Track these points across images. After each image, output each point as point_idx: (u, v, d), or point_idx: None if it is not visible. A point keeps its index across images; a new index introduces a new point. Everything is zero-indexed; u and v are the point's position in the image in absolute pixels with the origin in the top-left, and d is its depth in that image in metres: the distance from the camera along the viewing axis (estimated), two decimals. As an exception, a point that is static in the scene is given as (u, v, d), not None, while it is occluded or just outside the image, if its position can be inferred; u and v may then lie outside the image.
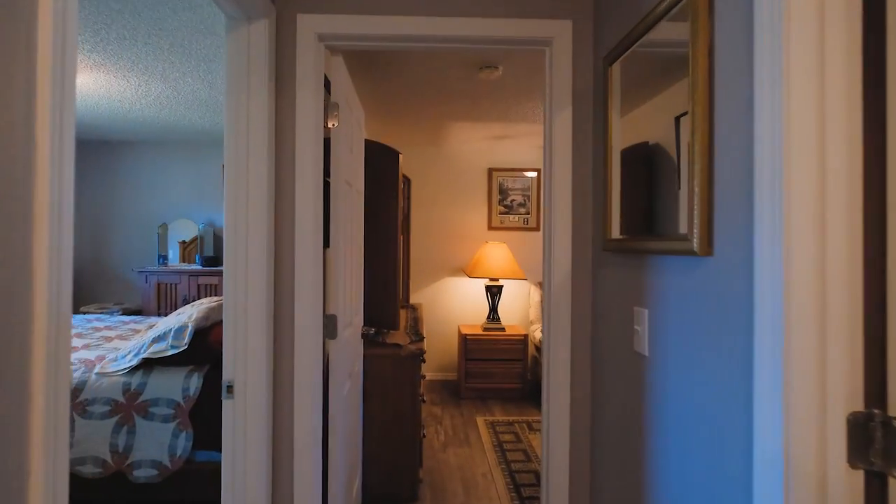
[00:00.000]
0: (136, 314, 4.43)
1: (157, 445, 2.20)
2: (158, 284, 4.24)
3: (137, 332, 3.13)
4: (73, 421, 2.23)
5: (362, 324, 2.52)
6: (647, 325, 1.18)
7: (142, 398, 2.24)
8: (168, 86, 3.09)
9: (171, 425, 2.22)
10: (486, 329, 4.06)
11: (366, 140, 2.76)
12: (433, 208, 4.51)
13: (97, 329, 3.16)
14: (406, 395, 2.57)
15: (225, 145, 1.54)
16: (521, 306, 4.52)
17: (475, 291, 4.49)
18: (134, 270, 4.47)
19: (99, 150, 4.75)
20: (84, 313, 4.35)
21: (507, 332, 4.01)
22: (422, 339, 2.78)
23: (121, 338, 2.95)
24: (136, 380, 2.28)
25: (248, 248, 1.54)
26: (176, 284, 4.25)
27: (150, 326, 2.94)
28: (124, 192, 4.73)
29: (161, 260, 4.45)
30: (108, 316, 3.61)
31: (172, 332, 2.35)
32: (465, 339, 3.95)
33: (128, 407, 2.24)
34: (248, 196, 1.54)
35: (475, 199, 4.52)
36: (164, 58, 2.63)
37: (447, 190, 4.51)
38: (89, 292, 4.75)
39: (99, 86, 3.10)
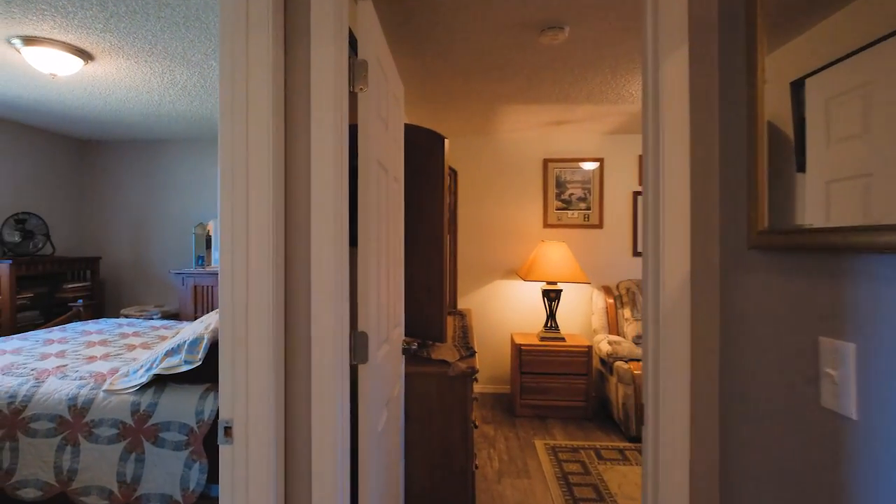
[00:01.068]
0: (175, 317, 4.27)
1: (168, 477, 1.91)
2: (195, 287, 4.05)
3: (164, 339, 2.89)
4: (77, 445, 1.97)
5: (402, 336, 2.14)
6: (856, 368, 0.72)
7: (152, 421, 1.96)
8: (192, 71, 2.84)
9: (184, 454, 1.92)
10: (543, 339, 3.60)
11: (406, 125, 2.39)
12: (482, 204, 4.09)
13: (124, 335, 2.96)
14: (455, 421, 2.18)
15: (220, 114, 1.19)
16: (582, 313, 4.02)
17: (529, 296, 4.03)
18: (171, 272, 4.32)
19: (137, 149, 4.67)
20: (126, 316, 4.24)
21: (568, 342, 3.53)
22: (473, 353, 2.37)
23: (144, 346, 2.71)
24: (146, 399, 2.00)
25: (249, 249, 1.18)
26: (212, 287, 4.05)
27: (176, 333, 2.70)
28: (161, 192, 4.62)
29: (199, 261, 4.28)
30: (140, 320, 3.43)
31: (186, 345, 2.05)
32: (519, 350, 3.51)
33: (137, 431, 1.95)
34: (247, 181, 1.18)
35: (529, 194, 4.06)
36: (181, 35, 2.35)
37: (497, 183, 4.08)
38: (131, 294, 4.66)
39: (123, 75, 2.89)
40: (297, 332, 1.26)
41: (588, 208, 4.01)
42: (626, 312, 3.62)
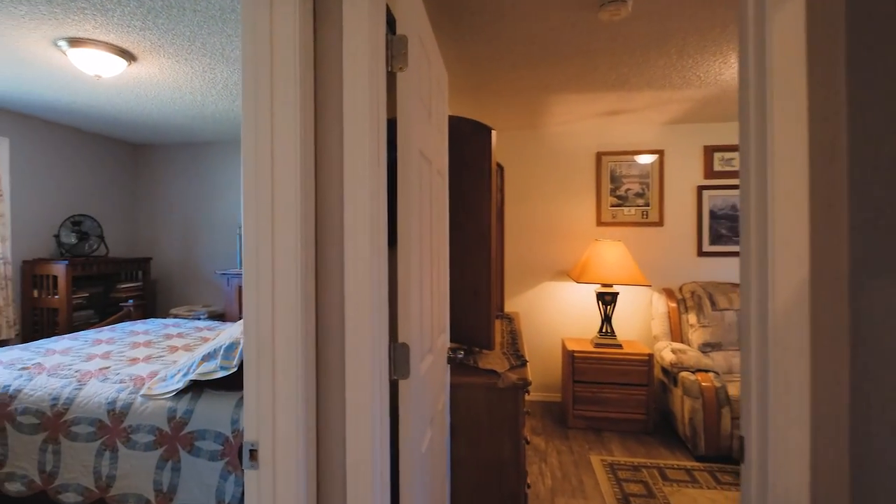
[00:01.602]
0: (220, 317, 4.29)
1: (204, 488, 1.82)
2: (239, 287, 4.04)
3: (207, 340, 2.86)
4: (115, 450, 1.92)
5: (447, 344, 1.98)
6: None
7: (187, 429, 1.88)
8: (231, 69, 2.78)
9: (219, 464, 1.83)
10: (597, 345, 3.34)
11: (449, 116, 2.22)
12: (530, 202, 3.86)
13: (168, 336, 2.95)
14: (505, 437, 1.99)
15: (243, 99, 1.06)
16: (640, 318, 3.72)
17: (582, 299, 3.77)
18: (217, 272, 4.35)
19: (184, 152, 4.75)
20: (175, 316, 4.30)
21: (626, 349, 3.26)
22: (524, 363, 2.17)
23: (186, 348, 2.68)
24: (182, 406, 1.92)
25: (275, 251, 1.04)
26: (256, 288, 4.03)
27: (217, 335, 2.64)
28: (207, 193, 4.67)
29: (243, 262, 4.28)
30: (185, 321, 3.43)
31: (222, 350, 1.97)
32: (571, 357, 3.27)
33: (173, 438, 1.88)
34: (272, 174, 1.04)
35: (580, 190, 3.80)
36: (218, 29, 2.28)
37: (546, 180, 3.84)
38: (180, 294, 4.74)
39: (166, 75, 2.88)
40: (330, 346, 1.11)
41: (646, 204, 3.70)
42: (691, 318, 3.31)
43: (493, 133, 2.36)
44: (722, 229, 3.60)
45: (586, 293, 3.76)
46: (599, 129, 3.78)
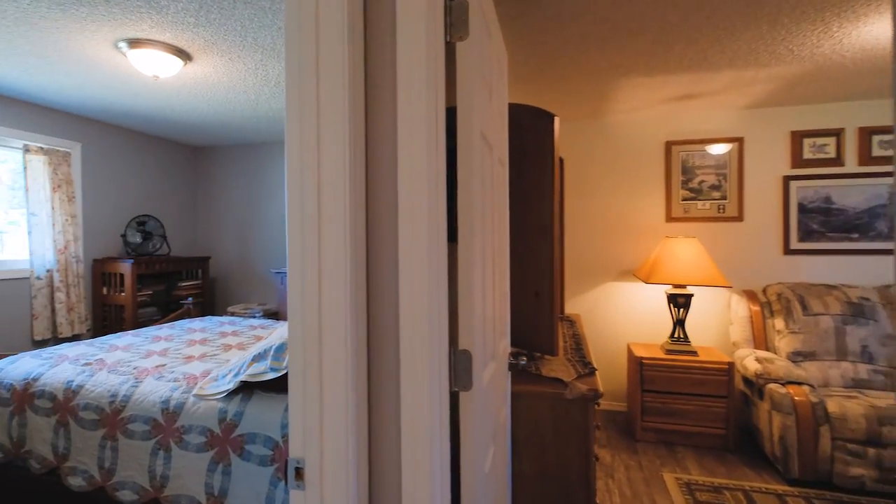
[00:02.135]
0: (274, 316, 4.32)
1: (254, 494, 1.75)
2: (292, 287, 4.04)
3: (260, 339, 2.83)
4: (169, 450, 1.89)
5: (509, 348, 1.81)
6: None
7: (238, 431, 1.82)
8: (283, 65, 2.73)
9: (269, 470, 1.75)
10: (668, 352, 3.06)
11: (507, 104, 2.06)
12: (591, 196, 3.61)
13: (223, 334, 2.95)
14: (573, 453, 1.80)
15: (286, 77, 0.94)
16: (716, 323, 3.38)
17: (649, 301, 3.48)
18: (271, 271, 4.38)
19: (240, 153, 4.84)
20: (232, 314, 4.37)
21: (701, 357, 2.96)
22: (592, 371, 1.96)
23: (240, 346, 2.65)
24: (232, 407, 1.86)
25: (322, 248, 0.92)
26: (309, 287, 4.01)
27: (271, 334, 2.60)
28: (262, 193, 4.74)
29: (297, 261, 4.29)
30: (240, 319, 3.45)
31: (273, 351, 1.89)
32: (640, 365, 3.01)
33: (224, 441, 1.82)
34: (318, 160, 0.92)
35: (648, 183, 3.51)
36: (268, 22, 2.23)
37: (610, 173, 3.58)
38: (237, 292, 4.83)
39: (220, 74, 2.88)
40: (383, 353, 0.97)
41: (723, 198, 3.36)
42: (778, 323, 2.96)
43: (556, 120, 2.16)
44: (813, 224, 3.20)
45: (655, 295, 3.47)
46: (669, 116, 3.48)
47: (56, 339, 3.64)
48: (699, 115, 3.43)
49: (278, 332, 2.09)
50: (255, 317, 4.21)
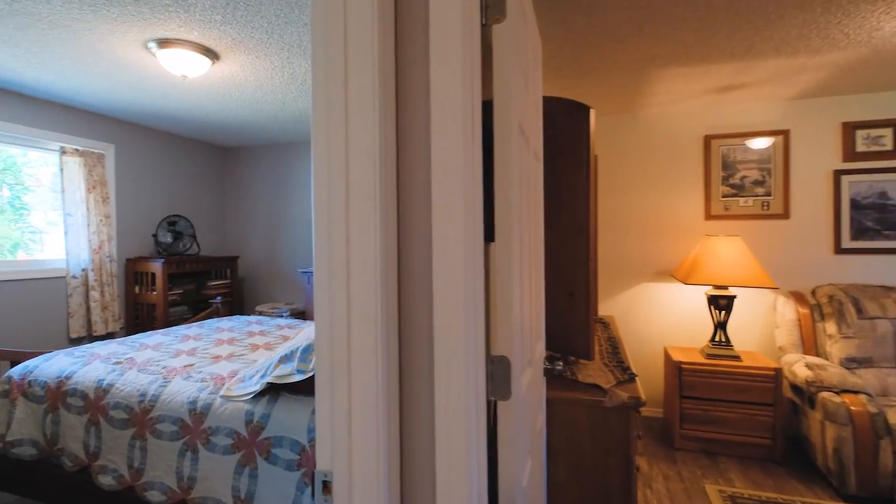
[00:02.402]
0: (301, 315, 4.32)
1: (280, 500, 1.70)
2: (319, 286, 4.03)
3: (287, 339, 2.81)
4: (196, 452, 1.87)
5: (544, 352, 1.72)
6: None
7: (264, 434, 1.78)
8: (309, 61, 2.69)
9: (296, 475, 1.71)
10: (709, 356, 2.91)
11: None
12: (625, 193, 3.48)
13: (251, 334, 2.94)
14: (612, 464, 1.70)
15: (312, 63, 0.88)
16: (760, 326, 3.20)
17: (688, 302, 3.32)
18: (298, 270, 4.38)
19: (268, 153, 4.86)
20: (260, 313, 4.39)
21: (745, 362, 2.80)
22: (633, 378, 1.85)
23: (267, 346, 2.63)
24: (259, 409, 1.83)
25: (350, 250, 0.85)
26: (336, 286, 3.99)
27: (297, 334, 2.57)
28: (289, 193, 4.75)
29: (324, 260, 4.28)
30: (268, 318, 3.44)
31: (299, 352, 1.85)
32: (678, 370, 2.86)
33: (250, 443, 1.79)
34: (346, 156, 0.85)
35: (685, 179, 3.36)
36: (294, 18, 2.20)
37: (644, 169, 3.44)
38: (265, 291, 4.85)
39: (248, 73, 2.87)
40: (415, 361, 0.90)
41: (767, 194, 3.18)
42: (829, 327, 2.77)
43: (592, 113, 2.06)
44: (867, 221, 2.99)
45: (693, 296, 3.31)
46: (708, 109, 3.32)
47: (91, 337, 3.72)
48: (741, 108, 3.26)
49: (305, 333, 2.05)
50: (282, 316, 4.22)
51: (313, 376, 1.80)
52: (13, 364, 2.43)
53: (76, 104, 3.54)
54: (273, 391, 1.89)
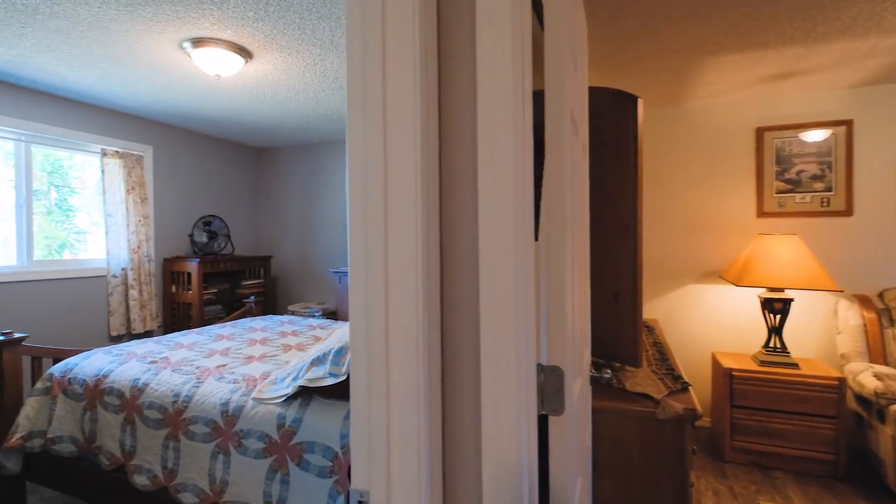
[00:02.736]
0: (333, 315, 4.30)
1: (313, 508, 1.64)
2: (351, 286, 3.99)
3: (319, 340, 2.77)
4: (228, 454, 1.83)
5: (589, 360, 1.61)
6: None
7: (296, 439, 1.73)
8: (341, 58, 2.66)
9: (328, 482, 1.65)
10: (763, 363, 2.72)
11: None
12: (669, 190, 3.30)
13: (283, 334, 2.91)
14: (665, 480, 1.57)
15: (347, 49, 0.80)
16: (818, 330, 2.98)
17: (737, 305, 3.13)
18: (330, 270, 4.37)
19: (300, 153, 4.88)
20: (292, 313, 4.40)
21: (804, 370, 2.60)
22: (686, 387, 1.72)
23: (299, 347, 2.60)
24: (290, 413, 1.78)
25: (388, 248, 0.77)
26: (367, 287, 3.95)
27: (329, 335, 2.53)
28: (322, 192, 4.74)
29: (355, 260, 4.24)
30: (300, 318, 3.43)
31: (332, 355, 1.79)
32: (729, 377, 2.69)
33: (282, 448, 1.74)
34: (384, 144, 0.77)
35: (735, 174, 3.16)
36: (326, 12, 2.15)
37: (689, 164, 3.26)
38: (297, 291, 4.87)
39: (280, 71, 2.85)
40: (459, 371, 0.82)
41: (827, 189, 2.96)
42: (900, 333, 2.55)
43: (640, 102, 1.93)
44: (942, 218, 2.74)
45: (744, 299, 3.11)
46: (762, 99, 3.11)
47: (130, 335, 3.79)
48: (798, 97, 3.04)
49: (337, 335, 1.99)
50: (314, 316, 4.21)
51: (346, 380, 1.73)
52: (55, 361, 2.47)
53: (116, 107, 3.61)
54: (305, 394, 1.84)
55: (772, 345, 2.75)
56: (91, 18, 2.21)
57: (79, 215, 3.63)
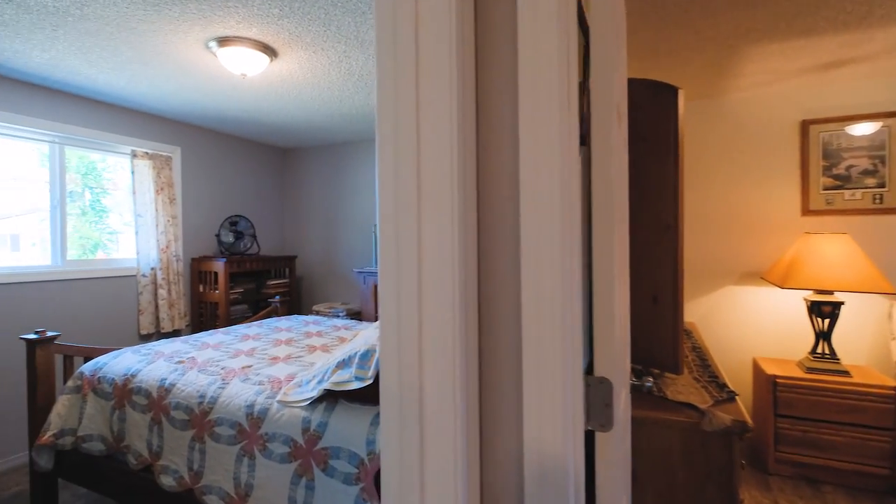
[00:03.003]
0: (357, 315, 4.28)
1: (338, 516, 1.59)
2: (375, 286, 3.96)
3: (344, 341, 2.73)
4: (253, 458, 1.80)
5: (629, 367, 1.52)
6: None
7: (321, 444, 1.68)
8: (366, 55, 2.62)
9: (354, 490, 1.59)
10: (810, 370, 2.56)
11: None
12: (707, 187, 3.16)
13: (308, 335, 2.89)
14: (711, 499, 1.47)
15: (376, 38, 0.74)
16: (871, 336, 2.80)
17: (780, 308, 2.97)
18: (354, 270, 4.34)
19: (325, 153, 4.87)
20: (317, 313, 4.39)
21: (856, 378, 2.44)
22: (732, 396, 1.60)
23: (324, 348, 2.56)
24: (316, 417, 1.73)
25: (422, 252, 0.70)
26: (392, 287, 3.91)
27: (354, 336, 2.49)
28: (346, 192, 4.73)
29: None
30: (324, 319, 3.40)
31: (357, 358, 1.74)
32: (773, 384, 2.54)
33: (307, 453, 1.70)
34: (417, 136, 0.71)
35: (777, 170, 3.00)
36: (351, 7, 2.10)
37: (729, 159, 3.11)
38: (322, 291, 4.86)
39: (305, 70, 2.82)
40: (500, 385, 0.74)
41: (881, 185, 2.77)
42: (964, 340, 2.36)
43: (681, 94, 1.82)
44: None
45: (788, 301, 2.95)
46: (807, 90, 2.94)
47: (159, 334, 3.83)
48: (847, 87, 2.86)
49: (362, 337, 1.94)
50: (338, 316, 4.19)
51: (372, 384, 1.68)
52: (86, 360, 2.49)
53: (145, 108, 3.65)
54: (330, 398, 1.79)
55: (819, 351, 2.59)
56: (119, 19, 2.22)
57: (111, 216, 3.69)
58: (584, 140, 0.95)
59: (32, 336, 2.27)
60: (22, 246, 3.19)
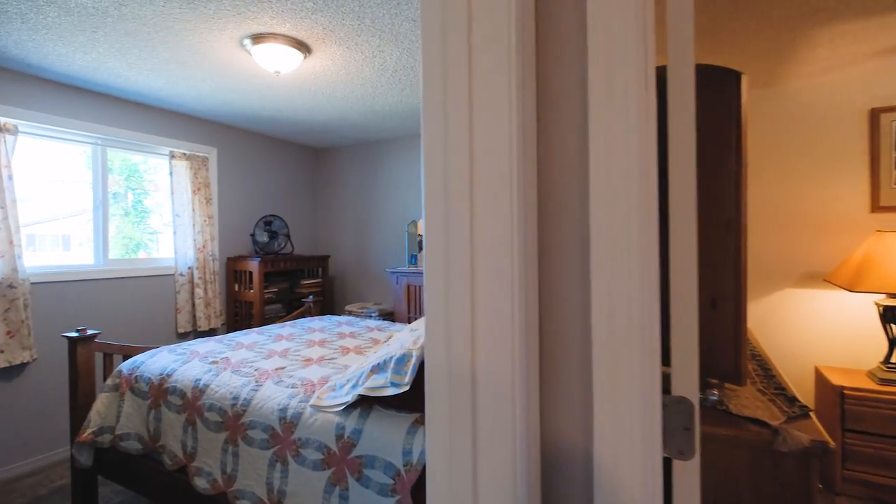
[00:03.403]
0: (390, 316, 4.22)
1: (374, 529, 1.52)
2: (408, 286, 3.89)
3: (377, 342, 2.67)
4: (286, 463, 1.74)
5: (689, 378, 1.37)
6: None
7: (356, 452, 1.61)
8: (401, 49, 2.55)
9: (390, 502, 1.51)
10: (883, 381, 2.34)
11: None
12: (764, 181, 2.95)
13: (341, 335, 2.84)
14: (784, 526, 1.32)
15: (422, 27, 0.65)
16: (950, 344, 2.54)
17: (846, 313, 2.73)
18: (387, 270, 4.29)
19: (358, 152, 4.85)
20: (349, 313, 4.36)
21: (937, 392, 2.21)
22: (806, 412, 1.44)
23: (357, 350, 2.50)
24: (350, 423, 1.66)
25: (475, 254, 0.61)
26: (423, 287, 3.84)
27: (388, 338, 2.41)
28: (379, 192, 4.69)
29: (412, 259, 4.14)
30: (358, 319, 3.35)
31: (393, 362, 1.66)
32: (840, 396, 2.33)
33: (341, 461, 1.63)
34: (470, 131, 0.61)
35: (842, 163, 2.77)
36: (387, 3, 2.03)
37: (786, 151, 2.89)
38: (354, 291, 4.84)
39: (339, 66, 2.78)
40: (562, 404, 0.64)
41: (964, 177, 2.52)
42: None
43: (745, 79, 1.66)
44: None
45: (855, 305, 2.71)
46: (877, 76, 2.70)
47: (196, 332, 3.87)
48: (922, 72, 2.61)
49: (398, 340, 1.86)
50: (370, 317, 4.15)
51: (408, 391, 1.60)
52: (125, 358, 2.51)
53: (182, 109, 3.70)
54: (365, 403, 1.72)
55: (894, 360, 2.36)
56: (156, 18, 2.21)
57: (152, 216, 3.75)
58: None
59: (74, 334, 2.29)
60: (72, 246, 3.28)
